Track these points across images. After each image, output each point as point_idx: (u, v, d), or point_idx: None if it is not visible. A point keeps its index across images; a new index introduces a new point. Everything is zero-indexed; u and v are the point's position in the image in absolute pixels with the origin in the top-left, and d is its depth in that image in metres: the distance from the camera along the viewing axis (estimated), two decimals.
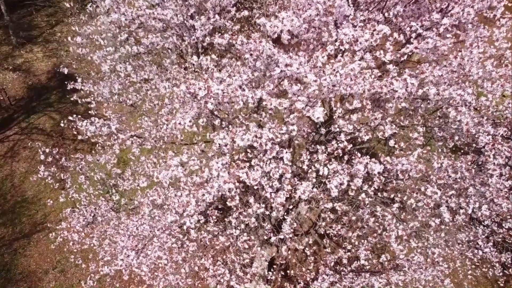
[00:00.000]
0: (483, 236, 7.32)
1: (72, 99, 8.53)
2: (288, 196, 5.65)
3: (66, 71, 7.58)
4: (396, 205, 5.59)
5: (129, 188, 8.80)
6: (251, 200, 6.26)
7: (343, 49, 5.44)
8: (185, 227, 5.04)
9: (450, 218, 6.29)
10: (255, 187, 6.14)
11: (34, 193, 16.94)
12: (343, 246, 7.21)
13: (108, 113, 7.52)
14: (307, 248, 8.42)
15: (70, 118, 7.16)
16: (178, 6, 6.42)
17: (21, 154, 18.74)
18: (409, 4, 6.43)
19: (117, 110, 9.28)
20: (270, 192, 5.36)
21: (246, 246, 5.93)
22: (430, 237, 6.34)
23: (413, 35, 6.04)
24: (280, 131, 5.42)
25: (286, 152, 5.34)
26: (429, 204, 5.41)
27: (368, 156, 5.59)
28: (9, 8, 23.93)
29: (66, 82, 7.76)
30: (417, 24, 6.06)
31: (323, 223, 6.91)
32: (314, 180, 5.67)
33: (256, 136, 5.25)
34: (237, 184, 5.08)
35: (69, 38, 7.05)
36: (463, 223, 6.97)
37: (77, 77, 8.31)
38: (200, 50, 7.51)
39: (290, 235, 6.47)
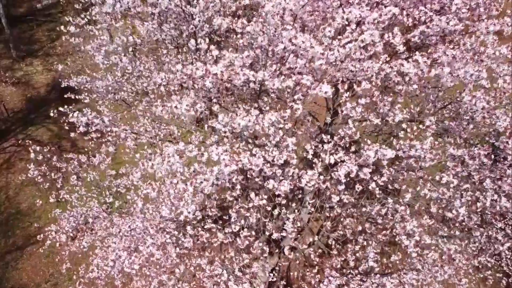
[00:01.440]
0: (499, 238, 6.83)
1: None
2: (292, 187, 5.24)
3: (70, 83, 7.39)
4: (408, 195, 5.17)
5: (123, 188, 8.39)
6: (252, 195, 5.84)
7: (351, 30, 5.12)
8: (182, 217, 4.61)
9: (466, 214, 5.85)
10: (257, 179, 5.74)
11: (28, 205, 16.49)
12: (350, 247, 6.74)
13: (102, 108, 7.17)
14: (312, 256, 7.94)
15: (61, 109, 6.80)
16: None
17: (17, 165, 18.36)
18: None
19: (112, 110, 8.94)
20: (273, 177, 4.96)
21: (247, 243, 5.48)
22: (444, 233, 5.89)
23: (422, 18, 5.71)
24: (283, 114, 5.05)
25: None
26: (444, 194, 4.98)
27: (377, 144, 5.20)
28: (10, 23, 23.99)
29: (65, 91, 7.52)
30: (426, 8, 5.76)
31: (328, 223, 6.45)
32: (320, 170, 5.26)
33: (257, 120, 4.88)
34: (238, 168, 4.68)
35: (66, 30, 6.77)
36: (475, 225, 6.53)
37: (76, 88, 8.09)
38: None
39: (293, 235, 6.01)
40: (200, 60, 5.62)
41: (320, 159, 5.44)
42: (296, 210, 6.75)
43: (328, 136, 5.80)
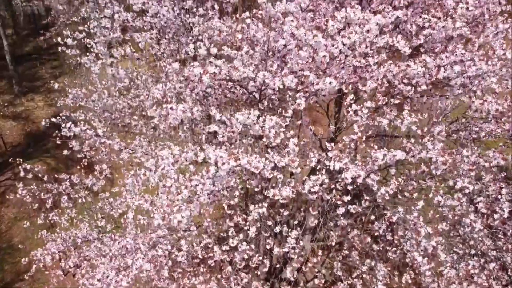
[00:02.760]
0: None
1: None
2: (295, 195, 4.86)
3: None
4: (421, 202, 4.77)
5: (116, 211, 7.97)
6: (252, 207, 5.44)
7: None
8: (174, 223, 4.20)
9: (481, 228, 5.43)
10: (256, 189, 5.37)
11: (20, 239, 15.89)
12: (357, 269, 6.24)
13: (96, 122, 6.90)
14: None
15: (54, 119, 6.56)
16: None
17: (11, 199, 17.89)
18: None
19: (108, 131, 8.68)
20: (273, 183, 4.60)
21: (246, 257, 5.02)
22: (459, 250, 5.43)
23: (426, 25, 5.56)
24: (286, 114, 4.77)
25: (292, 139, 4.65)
26: (460, 199, 4.60)
27: (385, 149, 4.88)
28: (16, 61, 24.44)
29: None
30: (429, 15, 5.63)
31: (333, 236, 5.99)
32: (324, 177, 4.90)
33: (258, 121, 4.59)
34: (238, 168, 4.33)
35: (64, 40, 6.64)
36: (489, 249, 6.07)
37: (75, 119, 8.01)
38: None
39: (296, 251, 5.55)
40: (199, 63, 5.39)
41: (324, 166, 5.10)
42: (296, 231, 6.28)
43: (332, 144, 5.50)
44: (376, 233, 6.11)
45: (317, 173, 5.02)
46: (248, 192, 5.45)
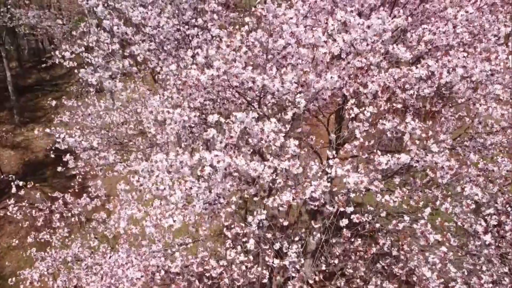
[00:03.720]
0: None
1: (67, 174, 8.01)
2: (294, 198, 4.61)
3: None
4: (427, 209, 4.52)
5: (110, 232, 7.67)
6: (250, 218, 5.18)
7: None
8: (166, 225, 3.95)
9: (491, 241, 5.15)
10: (255, 198, 5.13)
11: (12, 269, 15.39)
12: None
13: (92, 137, 6.73)
14: None
15: (48, 130, 6.42)
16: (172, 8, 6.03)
17: (5, 228, 17.54)
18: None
19: (104, 146, 8.51)
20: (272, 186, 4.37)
21: (243, 268, 4.72)
22: (469, 265, 5.11)
23: (427, 32, 5.50)
24: (285, 116, 4.62)
25: (292, 141, 4.46)
26: (469, 205, 4.35)
27: (389, 155, 4.69)
28: (18, 92, 24.71)
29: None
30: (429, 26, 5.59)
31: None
32: (325, 182, 4.67)
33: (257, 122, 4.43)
34: (235, 171, 4.11)
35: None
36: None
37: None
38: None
39: (296, 266, 5.24)
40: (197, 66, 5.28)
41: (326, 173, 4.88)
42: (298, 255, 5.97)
43: (334, 152, 5.31)
44: (380, 250, 5.82)
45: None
46: (246, 203, 5.21)
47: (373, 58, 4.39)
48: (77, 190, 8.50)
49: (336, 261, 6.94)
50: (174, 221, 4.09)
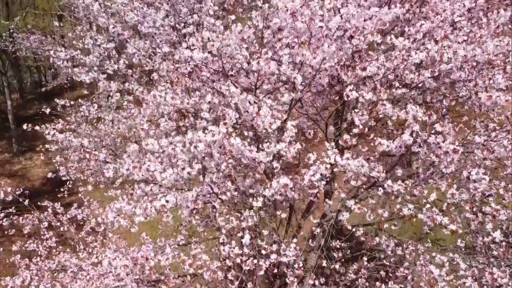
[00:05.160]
0: None
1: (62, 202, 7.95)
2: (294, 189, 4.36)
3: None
4: (433, 195, 4.25)
5: (100, 245, 7.35)
6: (246, 213, 4.90)
7: None
8: (157, 207, 3.69)
9: (501, 238, 4.85)
10: (251, 190, 4.87)
11: None
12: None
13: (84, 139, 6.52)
14: None
15: (37, 127, 6.25)
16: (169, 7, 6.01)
17: None
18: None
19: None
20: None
21: (238, 261, 4.39)
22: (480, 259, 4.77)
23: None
24: (282, 98, 4.45)
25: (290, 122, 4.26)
26: (477, 188, 4.09)
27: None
28: (18, 122, 24.73)
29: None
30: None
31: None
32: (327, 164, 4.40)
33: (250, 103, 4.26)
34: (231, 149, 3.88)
35: (52, 53, 6.56)
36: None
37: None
38: None
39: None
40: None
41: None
42: None
43: (333, 143, 5.10)
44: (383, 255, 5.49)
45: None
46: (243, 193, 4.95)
47: (372, 37, 4.28)
48: (66, 195, 8.27)
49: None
50: (167, 201, 3.84)
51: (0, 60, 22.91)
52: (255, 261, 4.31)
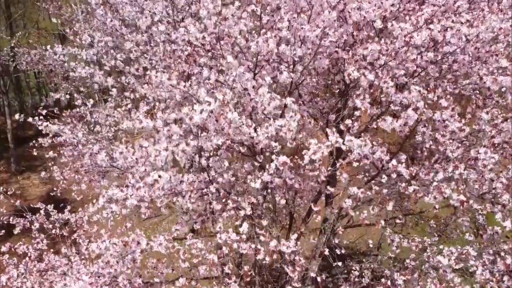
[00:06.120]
0: None
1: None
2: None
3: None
4: (439, 174, 4.04)
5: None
6: (244, 204, 4.67)
7: None
8: (150, 182, 3.48)
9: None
10: (250, 176, 4.66)
11: None
12: None
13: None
14: None
15: (29, 120, 6.13)
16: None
17: None
18: None
19: None
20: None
21: (235, 247, 4.12)
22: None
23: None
24: (280, 75, 4.32)
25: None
26: (485, 166, 3.89)
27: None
28: (17, 142, 24.72)
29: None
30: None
31: None
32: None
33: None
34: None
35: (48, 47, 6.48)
36: None
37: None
38: None
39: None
40: None
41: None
42: None
43: (334, 129, 4.92)
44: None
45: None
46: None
47: (373, 12, 4.18)
48: (59, 194, 8.06)
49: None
50: (160, 176, 3.63)
51: (1, 79, 23.01)
52: (253, 245, 4.05)
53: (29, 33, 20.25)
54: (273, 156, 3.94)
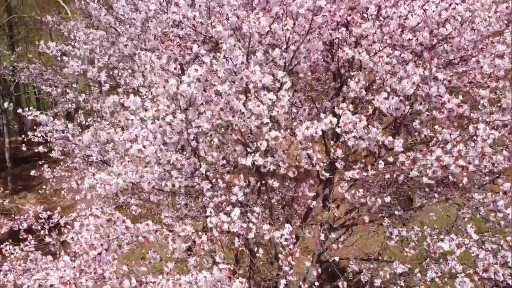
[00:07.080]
0: None
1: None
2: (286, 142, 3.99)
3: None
4: (438, 150, 3.87)
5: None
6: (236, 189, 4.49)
7: None
8: (134, 153, 3.32)
9: None
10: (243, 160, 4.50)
11: None
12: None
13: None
14: None
15: (19, 111, 6.03)
16: None
17: None
18: None
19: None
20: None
21: (226, 227, 3.90)
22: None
23: None
24: (274, 53, 4.23)
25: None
26: (485, 140, 3.73)
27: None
28: (15, 162, 24.62)
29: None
30: None
31: None
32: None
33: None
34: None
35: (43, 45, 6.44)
36: None
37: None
38: None
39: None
40: None
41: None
42: None
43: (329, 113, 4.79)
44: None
45: None
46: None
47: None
48: (48, 192, 7.90)
49: None
50: (144, 146, 3.49)
51: (1, 98, 23.13)
52: (245, 225, 3.85)
53: (30, 51, 20.47)
54: (264, 129, 3.78)
